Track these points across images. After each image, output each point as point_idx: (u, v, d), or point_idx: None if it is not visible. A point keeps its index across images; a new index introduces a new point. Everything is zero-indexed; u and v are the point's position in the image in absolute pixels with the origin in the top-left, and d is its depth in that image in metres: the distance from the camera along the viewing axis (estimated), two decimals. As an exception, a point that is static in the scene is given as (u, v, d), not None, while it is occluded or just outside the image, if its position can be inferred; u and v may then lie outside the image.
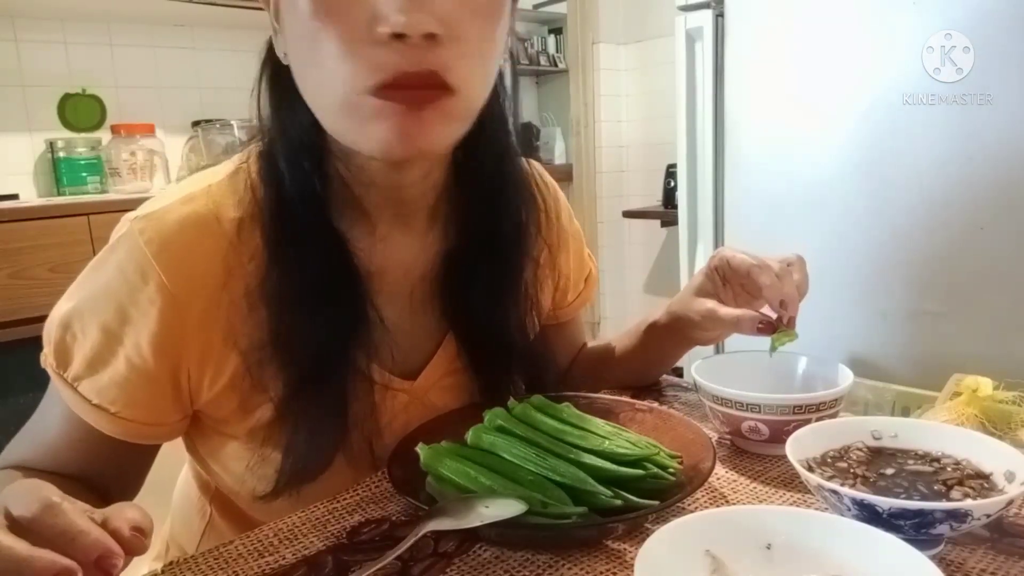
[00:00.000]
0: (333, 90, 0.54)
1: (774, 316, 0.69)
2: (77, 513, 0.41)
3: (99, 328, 0.59)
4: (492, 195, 0.69)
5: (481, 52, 0.56)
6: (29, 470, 0.64)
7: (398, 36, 0.50)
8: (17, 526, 0.41)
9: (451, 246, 0.70)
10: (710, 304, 0.72)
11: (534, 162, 0.80)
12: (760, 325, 0.68)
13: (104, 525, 0.42)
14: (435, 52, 0.52)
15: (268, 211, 0.62)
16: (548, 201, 0.78)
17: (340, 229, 0.64)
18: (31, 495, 0.42)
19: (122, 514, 0.43)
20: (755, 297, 0.73)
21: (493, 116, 0.66)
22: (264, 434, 0.64)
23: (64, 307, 0.61)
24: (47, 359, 0.62)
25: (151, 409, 0.62)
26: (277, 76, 0.62)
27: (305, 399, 0.62)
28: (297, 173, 0.61)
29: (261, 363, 0.61)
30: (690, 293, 0.75)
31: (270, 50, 0.62)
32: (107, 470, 0.65)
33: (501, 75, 0.66)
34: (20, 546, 0.38)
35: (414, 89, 0.53)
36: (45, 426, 0.65)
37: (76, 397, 0.61)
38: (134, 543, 0.42)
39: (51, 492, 0.42)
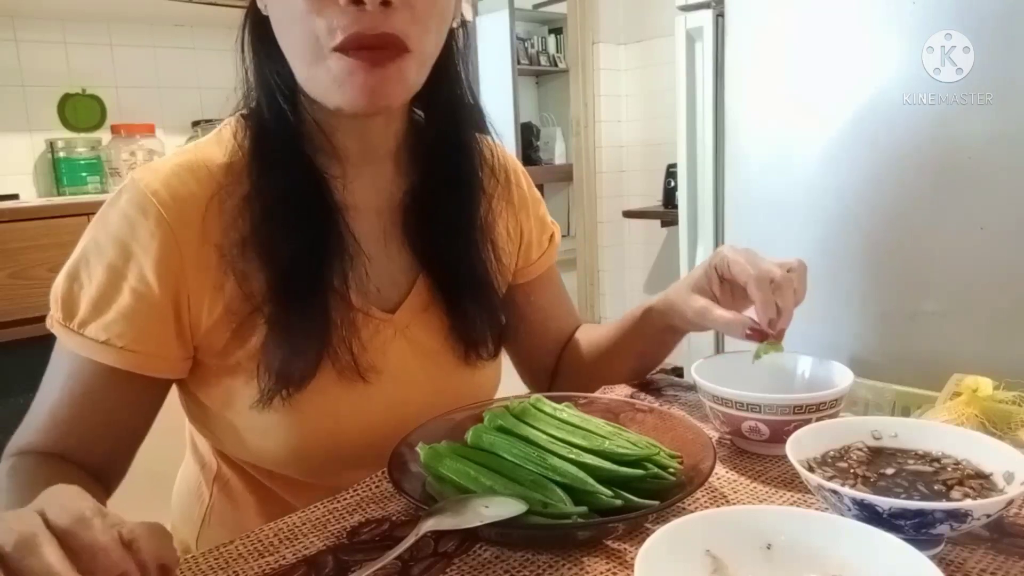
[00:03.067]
0: (304, 47, 0.62)
1: (765, 324, 0.69)
2: (105, 530, 0.41)
3: (104, 268, 0.65)
4: (447, 140, 0.76)
5: (431, 16, 0.64)
6: (29, 455, 0.66)
7: (356, 2, 0.59)
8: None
9: (413, 186, 0.77)
10: (704, 303, 0.74)
11: (487, 137, 0.85)
12: (749, 332, 0.69)
13: (133, 550, 0.42)
14: (391, 18, 0.60)
15: (251, 149, 0.69)
16: (499, 158, 0.84)
17: (316, 164, 0.70)
18: (67, 504, 0.42)
19: (151, 545, 0.43)
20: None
21: (448, 74, 0.74)
22: (259, 359, 0.67)
23: (70, 262, 0.67)
24: (53, 317, 0.66)
25: (156, 341, 0.66)
26: (258, 25, 0.69)
27: (288, 309, 0.67)
28: (276, 112, 0.69)
29: (244, 263, 0.66)
30: (688, 287, 0.77)
31: (253, 1, 0.69)
32: (102, 433, 0.67)
33: (455, 36, 0.74)
34: (62, 568, 0.38)
35: (372, 49, 0.61)
36: (43, 398, 0.68)
37: (83, 340, 0.64)
38: None
39: (86, 504, 0.42)
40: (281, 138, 0.68)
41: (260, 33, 0.69)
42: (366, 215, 0.74)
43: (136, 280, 0.64)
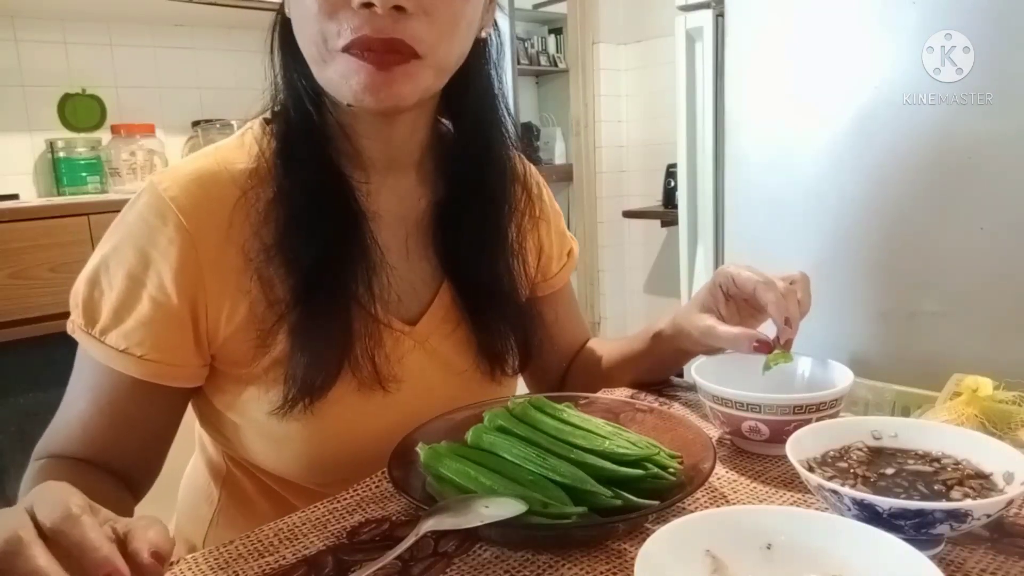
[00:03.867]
0: (315, 47, 0.62)
1: (772, 336, 0.69)
2: (93, 526, 0.41)
3: (124, 275, 0.64)
4: (476, 153, 0.75)
5: (452, 23, 0.63)
6: (60, 458, 0.66)
7: (367, 5, 0.58)
8: (40, 532, 0.41)
9: (440, 198, 0.76)
10: (709, 321, 0.74)
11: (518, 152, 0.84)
12: (756, 344, 0.69)
13: (125, 541, 0.42)
14: (403, 23, 0.60)
15: (275, 154, 0.68)
16: (529, 175, 0.84)
17: (342, 169, 0.70)
18: (56, 501, 0.42)
19: (144, 534, 0.43)
20: (760, 311, 0.75)
21: (476, 85, 0.73)
22: (279, 368, 0.67)
23: (90, 266, 0.66)
24: (75, 323, 0.66)
25: (175, 350, 0.66)
26: (286, 27, 0.68)
27: (311, 316, 0.66)
28: (302, 115, 0.68)
29: (269, 269, 0.66)
30: (694, 308, 0.77)
31: (283, 3, 0.69)
32: (131, 440, 0.68)
33: (487, 45, 0.73)
34: (50, 568, 0.38)
35: (377, 52, 0.60)
36: (71, 403, 0.68)
37: (104, 349, 0.64)
38: (150, 570, 0.42)
39: (74, 501, 0.42)
40: (307, 141, 0.68)
41: (287, 35, 0.68)
42: (389, 223, 0.74)
43: (155, 288, 0.64)
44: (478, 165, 0.75)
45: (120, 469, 0.68)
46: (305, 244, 0.66)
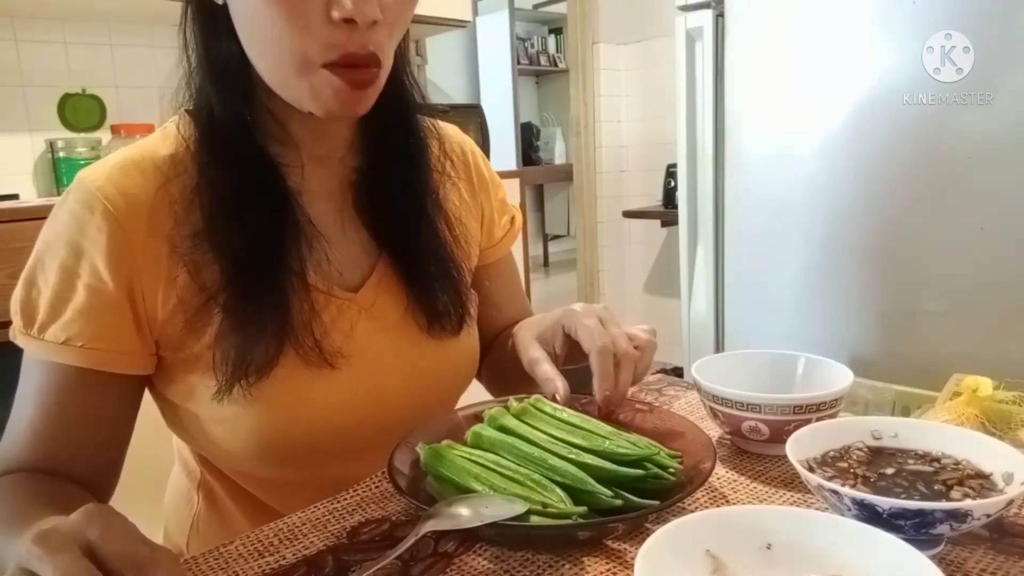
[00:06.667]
0: (284, 58, 0.62)
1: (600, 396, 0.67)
2: None
3: (58, 269, 0.64)
4: (393, 119, 0.77)
5: (404, 26, 0.67)
6: (15, 474, 0.64)
7: (348, 20, 0.59)
8: (95, 559, 0.41)
9: (361, 165, 0.77)
10: (536, 355, 0.73)
11: (440, 122, 0.86)
12: (559, 400, 0.68)
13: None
14: (375, 36, 0.62)
15: (199, 141, 0.68)
16: (449, 138, 0.85)
17: (268, 152, 0.70)
18: (121, 544, 0.42)
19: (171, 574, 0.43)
20: None
21: (395, 63, 0.74)
22: (216, 346, 0.67)
23: (26, 268, 0.66)
24: (15, 328, 0.65)
25: (116, 336, 0.65)
26: (205, 13, 0.68)
27: (244, 295, 0.66)
28: (227, 100, 0.68)
29: (197, 254, 0.66)
30: (531, 334, 0.76)
31: None
32: (84, 440, 0.66)
33: None
34: None
35: (358, 68, 0.62)
36: (19, 414, 0.66)
37: (45, 345, 0.64)
38: None
39: (141, 550, 0.42)
40: (231, 130, 0.67)
41: (208, 21, 0.67)
42: (321, 197, 0.74)
43: (89, 276, 0.64)
44: (395, 131, 0.77)
45: (76, 474, 0.66)
46: (232, 229, 0.66)
